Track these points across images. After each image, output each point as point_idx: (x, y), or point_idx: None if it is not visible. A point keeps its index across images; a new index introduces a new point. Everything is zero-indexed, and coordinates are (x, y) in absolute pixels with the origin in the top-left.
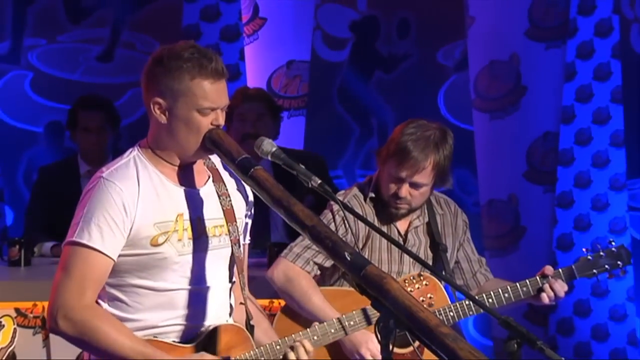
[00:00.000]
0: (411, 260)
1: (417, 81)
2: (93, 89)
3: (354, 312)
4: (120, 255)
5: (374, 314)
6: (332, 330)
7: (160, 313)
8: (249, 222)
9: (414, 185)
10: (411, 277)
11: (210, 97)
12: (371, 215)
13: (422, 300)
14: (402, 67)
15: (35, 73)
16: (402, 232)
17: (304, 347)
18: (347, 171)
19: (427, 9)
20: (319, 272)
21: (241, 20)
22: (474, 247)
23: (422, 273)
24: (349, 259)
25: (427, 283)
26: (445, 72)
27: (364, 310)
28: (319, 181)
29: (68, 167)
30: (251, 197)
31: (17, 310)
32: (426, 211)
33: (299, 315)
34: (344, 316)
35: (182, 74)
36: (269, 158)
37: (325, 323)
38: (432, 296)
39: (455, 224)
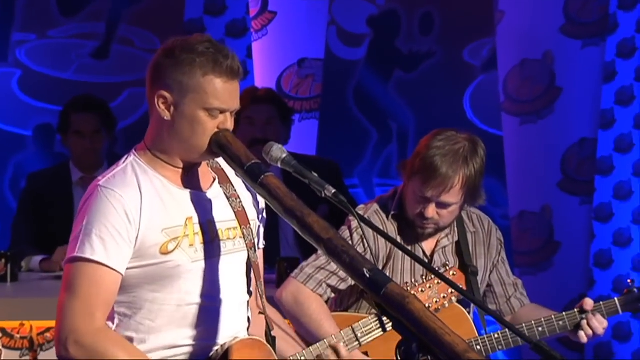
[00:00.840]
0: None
1: (441, 82)
2: (87, 89)
3: (369, 317)
4: (128, 269)
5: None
6: (344, 341)
7: (174, 331)
8: (262, 226)
9: (442, 205)
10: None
11: (222, 96)
12: (394, 235)
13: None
14: (425, 66)
15: (24, 71)
16: (428, 253)
17: (337, 352)
18: (364, 180)
19: (453, 2)
20: (332, 295)
21: (249, 14)
22: (509, 269)
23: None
24: (368, 275)
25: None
26: (471, 71)
27: (379, 317)
28: (334, 190)
29: (59, 174)
30: (262, 202)
31: (2, 330)
32: (456, 229)
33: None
34: (358, 323)
35: (194, 68)
36: (279, 165)
37: (334, 335)
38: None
39: (489, 243)
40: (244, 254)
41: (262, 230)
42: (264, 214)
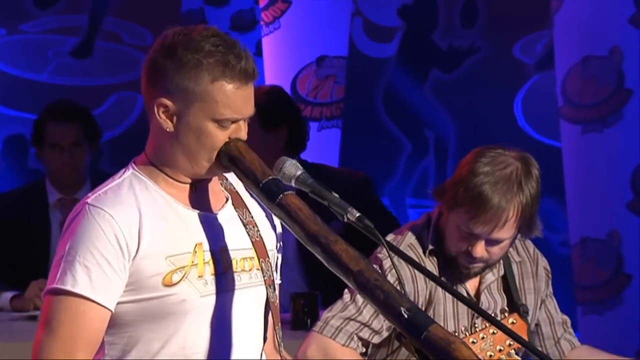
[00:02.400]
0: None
1: (487, 83)
2: (66, 93)
3: None
4: (121, 303)
5: None
6: None
7: None
8: (280, 256)
9: (493, 242)
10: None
11: (234, 105)
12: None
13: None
14: (467, 65)
15: None
16: (473, 293)
17: None
18: (395, 200)
19: None
20: (363, 350)
21: (258, 4)
22: (557, 304)
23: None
24: (406, 316)
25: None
26: (523, 71)
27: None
28: (357, 214)
29: (33, 195)
30: (279, 227)
31: None
32: (501, 260)
33: None
34: None
35: (201, 72)
36: (293, 184)
37: None
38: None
39: (537, 274)
40: (262, 290)
41: (279, 261)
42: (281, 242)
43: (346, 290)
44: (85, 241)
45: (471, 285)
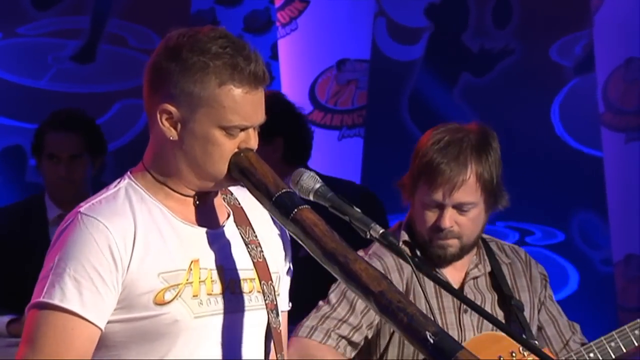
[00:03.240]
0: (475, 324)
1: (522, 88)
2: (66, 101)
3: None
4: (111, 322)
5: None
6: None
7: None
8: (289, 279)
9: (459, 208)
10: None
11: (243, 111)
12: (408, 267)
13: None
14: (500, 68)
15: None
16: (456, 286)
17: None
18: None
19: None
20: (348, 352)
21: (273, 4)
22: (561, 309)
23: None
24: (432, 341)
25: None
26: (561, 74)
27: None
28: (381, 230)
29: (31, 211)
30: (288, 246)
31: None
32: (486, 257)
33: None
34: None
35: (208, 76)
36: (311, 198)
37: None
38: None
39: (530, 274)
40: (262, 314)
41: (287, 285)
42: (291, 265)
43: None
44: (76, 253)
45: (454, 279)
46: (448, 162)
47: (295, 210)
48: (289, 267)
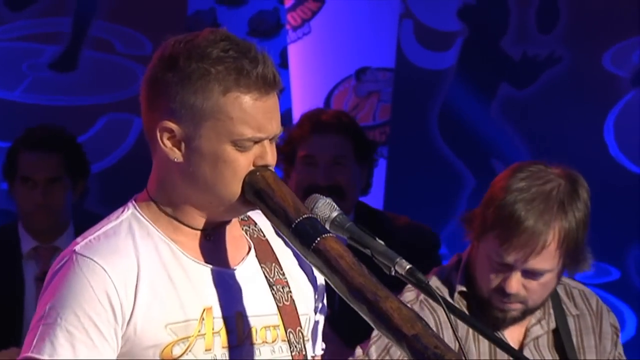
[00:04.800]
0: None
1: (570, 101)
2: (44, 116)
3: None
4: None
5: None
6: None
7: None
8: (322, 319)
9: (531, 274)
10: None
11: (254, 121)
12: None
13: None
14: (545, 79)
15: None
16: (515, 346)
17: None
18: (456, 247)
19: None
20: None
21: (283, 4)
22: None
23: None
24: None
25: None
26: (616, 86)
27: None
28: (408, 266)
29: (3, 243)
30: (321, 279)
31: None
32: (551, 311)
33: None
34: None
35: (210, 83)
36: (327, 228)
37: None
38: None
39: (600, 331)
40: None
41: (320, 327)
42: (324, 301)
43: (358, 347)
44: (69, 300)
45: (513, 337)
46: (530, 220)
47: (318, 239)
48: (323, 305)
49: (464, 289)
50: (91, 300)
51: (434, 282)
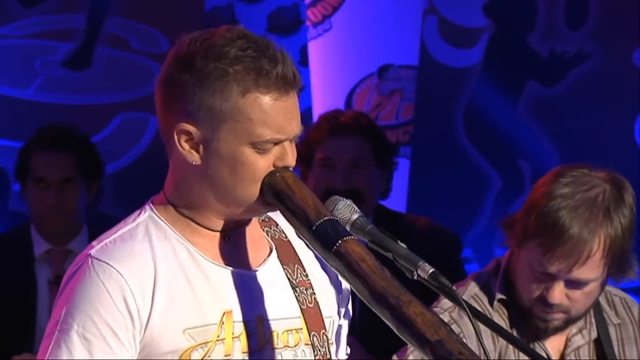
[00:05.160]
0: None
1: (600, 99)
2: (57, 115)
3: None
4: None
5: None
6: None
7: None
8: (345, 324)
9: (574, 284)
10: None
11: (274, 122)
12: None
13: None
14: (574, 77)
15: None
16: (556, 357)
17: None
18: (481, 251)
19: None
20: None
21: (303, 0)
22: None
23: None
24: None
25: None
26: None
27: None
28: (431, 270)
29: (15, 245)
30: (345, 283)
31: None
32: (593, 320)
33: None
34: None
35: (228, 84)
36: (347, 230)
37: None
38: None
39: None
40: None
41: (344, 331)
42: (349, 305)
43: (395, 356)
44: (85, 305)
45: (553, 347)
46: (574, 228)
47: (340, 241)
48: (347, 309)
49: (503, 297)
50: (108, 305)
51: (472, 288)
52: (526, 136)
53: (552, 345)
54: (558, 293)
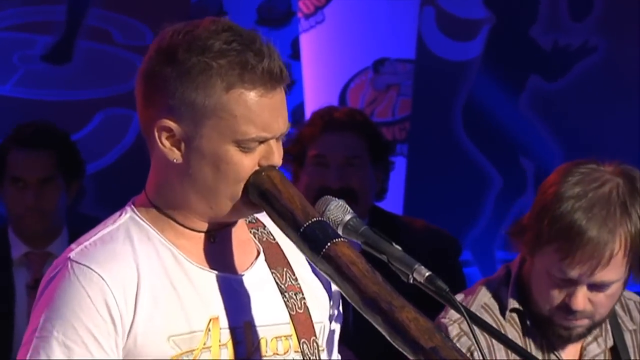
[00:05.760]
0: None
1: (605, 94)
2: (36, 112)
3: None
4: None
5: None
6: None
7: None
8: (337, 328)
9: (597, 287)
10: None
11: (259, 119)
12: (518, 342)
13: None
14: (578, 70)
15: None
16: None
17: None
18: (481, 254)
19: None
20: None
21: None
22: None
23: None
24: None
25: None
26: None
27: None
28: (427, 273)
29: None
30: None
31: None
32: (609, 326)
33: None
34: None
35: (211, 79)
36: (340, 232)
37: None
38: None
39: None
40: None
41: (336, 336)
42: (340, 308)
43: None
44: (65, 311)
45: (568, 355)
46: (593, 230)
47: (329, 244)
48: (339, 312)
49: (517, 306)
50: (89, 310)
51: (482, 297)
52: (528, 133)
53: (568, 355)
54: (582, 299)
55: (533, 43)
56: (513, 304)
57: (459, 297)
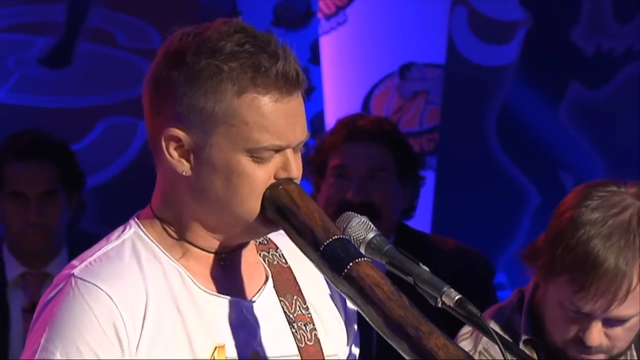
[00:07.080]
0: None
1: None
2: (33, 120)
3: None
4: None
5: None
6: None
7: None
8: (358, 351)
9: (614, 322)
10: None
11: (274, 126)
12: None
13: None
14: (623, 77)
15: None
16: None
17: None
18: (516, 275)
19: None
20: None
21: None
22: None
23: None
24: None
25: None
26: None
27: None
28: (457, 296)
29: None
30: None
31: None
32: (634, 352)
33: None
34: None
35: (222, 83)
36: (362, 251)
37: None
38: None
39: None
40: None
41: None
42: (355, 325)
43: None
44: (69, 331)
45: None
46: (610, 261)
47: (351, 264)
48: (355, 335)
49: (530, 337)
50: (95, 332)
51: (492, 326)
52: (568, 145)
53: None
54: (596, 334)
55: (574, 47)
56: (526, 335)
57: (465, 329)
